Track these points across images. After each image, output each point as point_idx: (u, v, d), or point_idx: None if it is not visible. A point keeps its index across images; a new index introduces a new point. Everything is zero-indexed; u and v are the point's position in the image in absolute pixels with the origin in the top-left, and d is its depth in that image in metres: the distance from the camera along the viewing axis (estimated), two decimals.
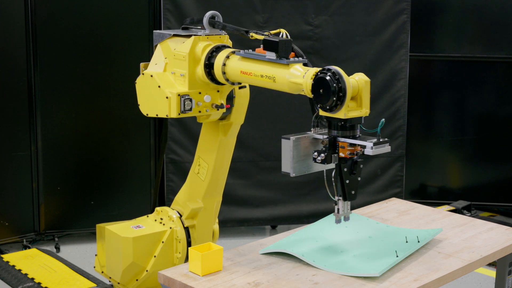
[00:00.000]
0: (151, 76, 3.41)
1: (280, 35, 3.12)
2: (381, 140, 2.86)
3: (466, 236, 3.46)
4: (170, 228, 3.72)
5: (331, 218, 3.56)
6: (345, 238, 3.30)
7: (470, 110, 6.57)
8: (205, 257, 2.91)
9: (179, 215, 3.77)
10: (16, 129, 5.48)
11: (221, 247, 2.99)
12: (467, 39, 6.52)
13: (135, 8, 5.62)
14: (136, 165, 5.84)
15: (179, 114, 3.31)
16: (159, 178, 5.74)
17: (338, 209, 3.00)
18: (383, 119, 2.95)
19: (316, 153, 2.92)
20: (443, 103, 6.62)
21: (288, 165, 2.99)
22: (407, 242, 3.26)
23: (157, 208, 3.85)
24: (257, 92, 5.93)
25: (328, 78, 2.78)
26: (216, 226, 3.99)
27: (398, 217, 3.73)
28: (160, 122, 5.77)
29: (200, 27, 3.48)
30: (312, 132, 2.99)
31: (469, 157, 6.64)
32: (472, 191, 6.54)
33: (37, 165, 5.56)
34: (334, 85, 2.77)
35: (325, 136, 2.91)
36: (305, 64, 3.02)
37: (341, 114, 2.81)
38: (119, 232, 3.68)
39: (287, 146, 2.98)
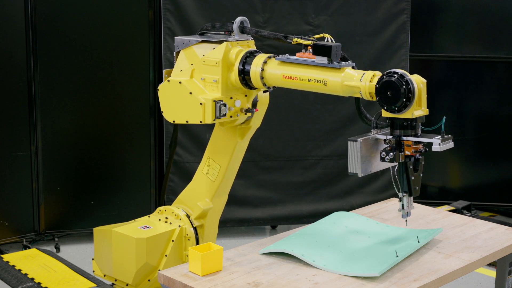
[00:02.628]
0: (180, 82, 3.41)
1: (325, 40, 3.24)
2: (445, 136, 3.09)
3: (466, 236, 3.46)
4: (179, 226, 3.73)
5: (331, 218, 3.56)
6: (345, 238, 3.31)
7: (470, 110, 6.57)
8: (205, 257, 2.91)
9: (185, 214, 3.78)
10: (16, 129, 5.48)
11: (221, 247, 2.99)
12: (467, 39, 6.51)
13: (135, 8, 5.62)
14: (136, 165, 5.84)
15: (214, 119, 3.34)
16: (167, 181, 5.74)
17: (403, 204, 3.10)
18: (445, 117, 3.14)
19: (384, 153, 3.04)
20: (443, 103, 6.61)
21: (356, 166, 3.07)
22: (407, 242, 3.26)
23: (160, 208, 3.85)
24: None
25: (397, 81, 2.94)
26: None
27: (398, 217, 3.73)
28: (161, 123, 5.77)
29: (223, 33, 3.49)
30: (373, 133, 3.12)
31: (469, 157, 6.64)
32: (472, 191, 6.54)
33: (37, 165, 5.56)
34: (404, 87, 2.93)
35: (389, 136, 3.05)
36: (352, 67, 3.16)
37: (409, 114, 3.00)
38: (130, 233, 3.67)
39: (355, 147, 3.06)
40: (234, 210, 5.89)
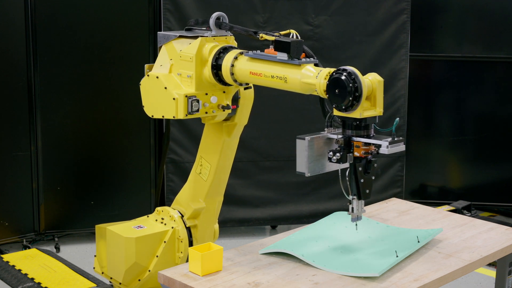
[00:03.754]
0: (157, 77, 3.41)
1: (291, 36, 3.13)
2: (396, 139, 2.92)
3: (466, 236, 3.46)
4: (172, 227, 3.72)
5: (331, 218, 3.56)
6: (345, 238, 3.30)
7: (470, 110, 6.57)
8: (205, 257, 2.91)
9: (180, 215, 3.77)
10: (16, 129, 5.48)
11: (221, 247, 2.99)
12: (467, 39, 6.52)
13: (135, 8, 5.63)
14: (136, 165, 5.84)
15: (186, 115, 3.32)
16: (161, 179, 5.73)
17: (352, 208, 3.01)
18: (398, 118, 3.01)
19: (331, 153, 2.95)
20: (443, 103, 6.62)
21: (303, 165, 2.99)
22: (407, 242, 3.26)
23: (158, 208, 3.85)
24: (257, 93, 5.92)
25: (344, 78, 2.81)
26: (216, 226, 3.99)
27: (398, 217, 3.73)
28: (161, 123, 5.77)
29: (205, 28, 3.48)
30: (326, 132, 3.02)
31: (469, 157, 6.64)
32: (472, 191, 6.54)
33: (37, 165, 5.56)
34: (350, 85, 2.79)
35: (340, 136, 2.95)
36: (316, 65, 3.04)
37: (357, 113, 2.84)
38: (121, 232, 3.68)
39: (302, 146, 2.98)
40: (234, 210, 5.89)
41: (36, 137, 5.53)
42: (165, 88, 3.37)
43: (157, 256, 3.68)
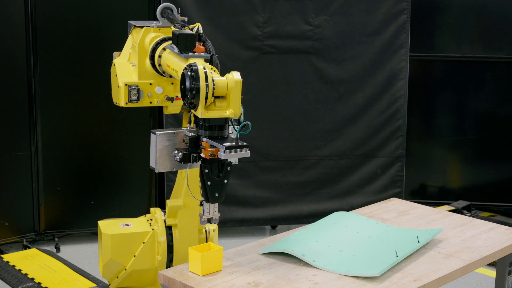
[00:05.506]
0: (114, 64, 3.51)
1: (194, 30, 3.06)
2: (239, 144, 2.75)
3: (466, 236, 3.46)
4: (153, 229, 3.72)
5: (331, 218, 3.56)
6: (345, 238, 3.30)
7: (470, 110, 6.57)
8: (205, 257, 2.91)
9: (164, 217, 3.77)
10: (16, 129, 5.48)
11: (221, 247, 2.99)
12: (467, 39, 6.51)
13: (135, 8, 5.62)
14: (136, 165, 5.83)
15: (126, 103, 3.34)
16: (152, 176, 5.75)
17: (203, 210, 2.93)
18: (248, 122, 2.80)
19: (176, 151, 2.87)
20: (443, 103, 6.62)
21: (153, 161, 2.93)
22: (407, 242, 3.26)
23: (151, 209, 3.86)
24: (256, 92, 5.94)
25: (185, 74, 2.75)
26: (211, 230, 3.94)
27: (398, 217, 3.73)
28: (161, 122, 5.77)
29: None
30: (188, 128, 2.93)
31: (469, 157, 6.64)
32: (472, 191, 6.54)
33: (37, 165, 5.56)
34: (188, 82, 2.72)
35: (191, 134, 2.85)
36: (209, 60, 2.95)
37: (198, 112, 2.75)
38: (103, 228, 3.74)
39: (153, 141, 2.92)
40: (234, 210, 5.89)
41: (36, 137, 5.52)
42: (116, 75, 3.44)
43: (134, 256, 3.68)
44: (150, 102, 3.40)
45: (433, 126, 6.65)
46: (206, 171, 2.81)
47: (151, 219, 3.80)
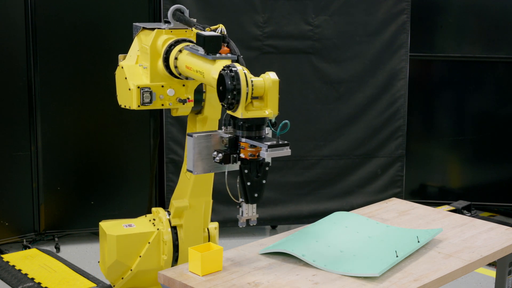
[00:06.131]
0: (122, 67, 3.46)
1: (218, 31, 3.07)
2: (280, 142, 2.78)
3: (466, 236, 3.46)
4: (158, 229, 3.72)
5: (331, 218, 3.56)
6: (345, 238, 3.30)
7: (470, 110, 6.57)
8: (205, 257, 2.91)
9: (168, 217, 3.77)
10: (16, 129, 5.48)
11: (221, 247, 2.99)
12: (467, 39, 6.52)
13: (135, 8, 5.63)
14: (136, 165, 5.84)
15: (138, 106, 3.34)
16: (153, 176, 5.74)
17: (242, 211, 2.93)
18: (287, 121, 2.84)
19: (215, 152, 2.87)
20: (443, 103, 6.62)
21: (191, 163, 2.92)
22: (407, 242, 3.26)
23: (153, 209, 3.86)
24: None
25: (224, 75, 2.75)
26: (213, 230, 3.95)
27: (398, 217, 3.73)
28: (161, 122, 5.77)
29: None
30: (223, 130, 2.93)
31: (469, 157, 6.64)
32: (472, 191, 6.54)
33: (37, 165, 5.56)
34: (229, 83, 2.73)
35: (228, 136, 2.86)
36: (236, 61, 2.96)
37: (238, 113, 2.77)
38: (107, 229, 3.72)
39: (190, 143, 2.92)
40: (234, 210, 5.86)
41: (36, 137, 5.52)
42: (125, 78, 3.40)
43: (140, 256, 3.68)
44: (162, 105, 3.40)
45: (433, 126, 6.65)
46: (246, 171, 2.83)
47: (154, 219, 3.80)
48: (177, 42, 3.34)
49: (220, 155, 2.84)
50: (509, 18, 6.33)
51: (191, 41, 3.38)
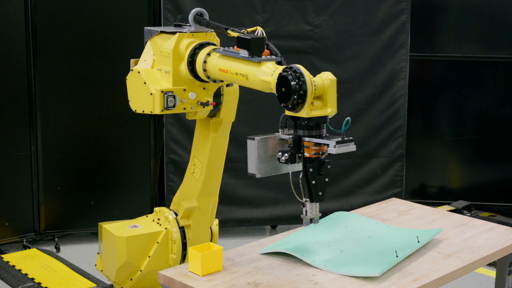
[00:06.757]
0: (138, 72, 3.43)
1: (256, 33, 3.10)
2: (345, 138, 2.85)
3: (466, 236, 3.46)
4: (166, 228, 3.72)
5: (331, 218, 3.56)
6: (345, 238, 3.30)
7: (470, 110, 6.57)
8: (205, 257, 2.91)
9: (175, 216, 3.77)
10: (16, 129, 5.48)
11: (221, 247, 2.99)
12: (467, 39, 6.52)
13: (135, 8, 5.63)
14: (136, 165, 5.84)
15: (162, 110, 3.33)
16: (156, 179, 5.74)
17: (306, 211, 2.94)
18: (349, 118, 2.88)
19: (280, 153, 2.90)
20: (443, 103, 6.62)
21: (253, 166, 2.94)
22: (407, 242, 3.26)
23: (156, 208, 3.86)
24: (256, 92, 5.91)
25: (288, 76, 2.77)
26: (215, 228, 3.98)
27: (398, 217, 3.73)
28: (161, 123, 5.77)
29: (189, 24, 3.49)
30: (280, 132, 2.97)
31: (469, 157, 6.64)
32: (472, 191, 6.54)
33: (37, 165, 5.56)
34: (294, 83, 2.75)
35: (290, 136, 2.89)
36: (279, 63, 2.99)
37: (304, 113, 2.80)
38: (114, 231, 3.69)
39: (252, 146, 2.93)
40: (234, 210, 5.89)
41: (36, 137, 5.52)
42: (144, 83, 3.38)
43: (149, 257, 3.68)
44: (184, 108, 3.40)
45: (433, 126, 6.65)
46: (311, 170, 2.87)
47: (158, 219, 3.80)
48: (201, 46, 3.35)
49: (286, 155, 2.88)
50: (509, 18, 6.33)
51: (213, 44, 3.40)
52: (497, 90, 6.53)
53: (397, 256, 3.06)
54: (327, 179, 2.93)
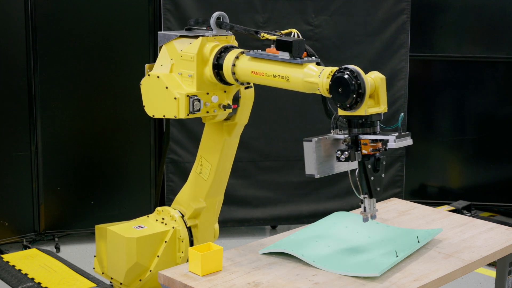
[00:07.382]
0: (158, 77, 3.41)
1: (292, 35, 3.17)
2: (402, 133, 2.94)
3: (466, 236, 3.46)
4: (173, 227, 3.73)
5: (331, 218, 3.56)
6: (345, 238, 3.30)
7: (470, 110, 6.57)
8: (205, 257, 2.91)
9: (181, 215, 3.77)
10: (16, 129, 5.48)
11: (221, 247, 2.99)
12: (467, 39, 6.52)
13: (135, 8, 5.63)
14: (136, 165, 5.84)
15: (188, 114, 3.32)
16: (161, 179, 5.74)
17: (364, 207, 3.00)
18: (402, 114, 3.03)
19: (339, 152, 2.96)
20: (443, 103, 6.62)
21: (312, 167, 3.00)
22: (407, 242, 3.26)
23: (158, 208, 3.85)
24: (257, 93, 5.92)
25: (346, 76, 2.84)
26: (216, 226, 4.00)
27: (398, 217, 3.73)
28: (161, 122, 5.77)
29: (205, 28, 3.49)
30: (332, 133, 3.05)
31: (469, 157, 6.64)
32: (472, 191, 6.54)
33: (37, 165, 5.56)
34: (353, 82, 2.82)
35: (346, 136, 2.97)
36: (317, 63, 3.07)
37: (362, 111, 2.87)
38: (122, 232, 3.68)
39: (310, 148, 3.00)
40: (234, 210, 5.89)
41: (36, 137, 5.52)
42: (166, 87, 3.37)
43: (158, 256, 3.68)
44: (207, 112, 3.40)
45: (433, 126, 6.65)
46: (370, 166, 2.93)
47: (162, 218, 3.80)
48: (226, 49, 3.36)
49: (346, 153, 2.94)
50: (509, 18, 6.33)
51: (237, 47, 3.41)
52: (497, 90, 6.52)
53: (397, 256, 3.06)
54: (383, 175, 3.00)
